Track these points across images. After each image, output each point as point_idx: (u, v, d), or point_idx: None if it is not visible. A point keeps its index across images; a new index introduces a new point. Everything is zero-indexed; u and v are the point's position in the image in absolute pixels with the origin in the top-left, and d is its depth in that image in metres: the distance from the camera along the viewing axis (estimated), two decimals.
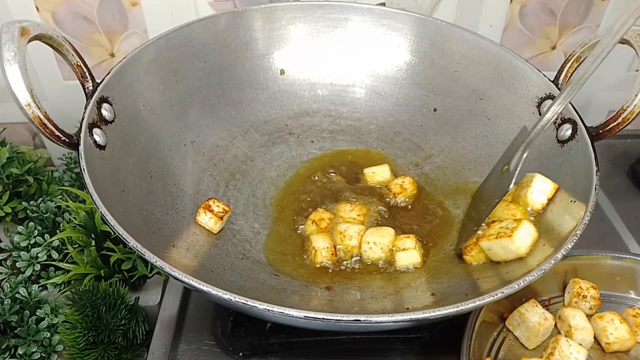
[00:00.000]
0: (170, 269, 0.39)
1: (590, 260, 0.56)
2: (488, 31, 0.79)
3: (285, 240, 0.58)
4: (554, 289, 0.57)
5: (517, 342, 0.53)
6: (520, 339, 0.53)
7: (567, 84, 0.49)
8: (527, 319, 0.52)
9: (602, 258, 0.57)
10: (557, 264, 0.54)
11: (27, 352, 0.59)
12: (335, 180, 0.64)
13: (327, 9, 0.68)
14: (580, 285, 0.56)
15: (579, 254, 0.56)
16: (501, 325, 0.54)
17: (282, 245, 0.57)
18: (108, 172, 0.49)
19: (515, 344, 0.53)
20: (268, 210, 0.60)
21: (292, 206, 0.61)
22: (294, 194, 0.63)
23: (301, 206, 0.61)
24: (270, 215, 0.60)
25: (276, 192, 0.63)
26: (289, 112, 0.69)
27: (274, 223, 0.59)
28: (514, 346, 0.53)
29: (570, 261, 0.56)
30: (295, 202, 0.62)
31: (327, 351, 0.56)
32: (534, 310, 0.53)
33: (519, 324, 0.53)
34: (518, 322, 0.53)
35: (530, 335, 0.52)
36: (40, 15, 0.75)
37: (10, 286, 0.62)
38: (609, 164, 0.80)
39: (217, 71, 0.65)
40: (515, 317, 0.53)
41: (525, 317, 0.52)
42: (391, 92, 0.69)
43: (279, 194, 0.63)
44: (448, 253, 0.56)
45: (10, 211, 0.71)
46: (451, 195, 0.62)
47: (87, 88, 0.51)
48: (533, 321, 0.52)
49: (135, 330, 0.60)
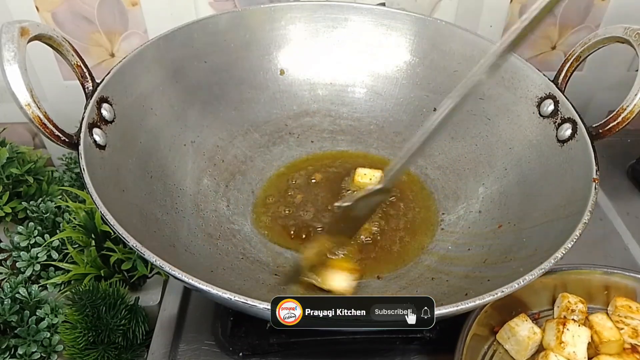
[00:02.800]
0: (170, 269, 0.39)
1: (579, 275, 0.57)
2: (488, 31, 0.79)
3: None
4: (543, 302, 0.58)
5: (508, 355, 0.54)
6: (510, 352, 0.54)
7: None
8: (517, 332, 0.53)
9: (591, 273, 0.57)
10: (547, 279, 0.55)
11: (27, 352, 0.59)
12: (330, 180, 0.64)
13: (327, 9, 0.68)
14: (569, 299, 0.56)
15: (568, 269, 0.56)
16: (492, 339, 0.55)
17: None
18: (108, 172, 0.49)
19: (505, 357, 0.54)
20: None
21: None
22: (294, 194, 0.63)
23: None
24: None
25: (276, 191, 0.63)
26: (289, 112, 0.69)
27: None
28: (504, 359, 0.54)
29: (560, 275, 0.57)
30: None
31: (327, 351, 0.56)
32: (523, 324, 0.54)
33: (509, 337, 0.54)
34: (508, 336, 0.54)
35: (520, 348, 0.53)
36: (40, 15, 0.75)
37: (10, 286, 0.62)
38: (609, 164, 0.80)
39: (217, 71, 0.65)
40: (506, 331, 0.54)
41: (515, 331, 0.53)
42: (391, 92, 0.69)
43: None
44: (448, 252, 0.56)
45: (10, 211, 0.71)
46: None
47: (87, 88, 0.51)
48: (523, 335, 0.53)
49: (135, 330, 0.60)
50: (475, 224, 0.58)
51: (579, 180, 0.51)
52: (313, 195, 0.62)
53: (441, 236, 0.59)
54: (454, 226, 0.60)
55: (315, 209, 0.61)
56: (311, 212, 0.61)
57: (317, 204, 0.61)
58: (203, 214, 0.58)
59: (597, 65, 0.83)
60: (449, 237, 0.59)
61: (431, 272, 0.55)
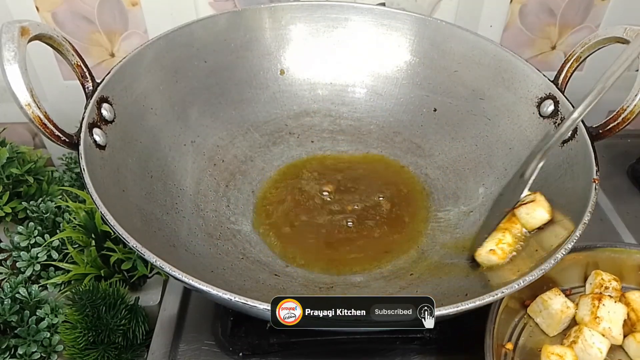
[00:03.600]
0: (170, 269, 0.39)
1: (612, 253, 0.57)
2: (488, 31, 0.79)
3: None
4: (574, 279, 0.58)
5: (538, 328, 0.54)
6: (541, 325, 0.54)
7: (589, 92, 0.50)
8: (549, 306, 0.53)
9: (625, 252, 0.57)
10: (578, 256, 0.55)
11: (27, 352, 0.59)
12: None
13: (327, 9, 0.67)
14: (602, 276, 0.56)
15: (602, 246, 0.56)
16: (522, 312, 0.55)
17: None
18: (108, 172, 0.49)
19: (535, 330, 0.54)
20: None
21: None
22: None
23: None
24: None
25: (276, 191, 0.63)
26: (289, 112, 0.69)
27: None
28: (534, 332, 0.54)
29: (593, 252, 0.56)
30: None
31: (327, 351, 0.56)
32: (556, 298, 0.53)
33: (541, 310, 0.53)
34: (540, 309, 0.54)
35: (552, 322, 0.53)
36: (40, 15, 0.75)
37: (10, 286, 0.62)
38: (609, 164, 0.80)
39: (217, 71, 0.65)
40: (538, 304, 0.54)
41: (548, 305, 0.53)
42: (391, 92, 0.69)
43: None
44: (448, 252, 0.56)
45: (10, 211, 0.71)
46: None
47: (87, 88, 0.51)
48: (555, 309, 0.52)
49: (135, 330, 0.60)
50: (475, 224, 0.58)
51: (579, 181, 0.51)
52: (313, 195, 0.62)
53: (441, 236, 0.59)
54: (453, 226, 0.60)
55: (316, 208, 0.61)
56: (312, 211, 0.61)
57: (317, 203, 0.61)
58: (203, 214, 0.58)
59: (597, 65, 0.83)
60: (449, 237, 0.59)
61: (431, 272, 0.55)
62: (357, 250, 0.57)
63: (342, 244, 0.58)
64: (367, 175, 0.65)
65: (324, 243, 0.58)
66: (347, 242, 0.58)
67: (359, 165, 0.66)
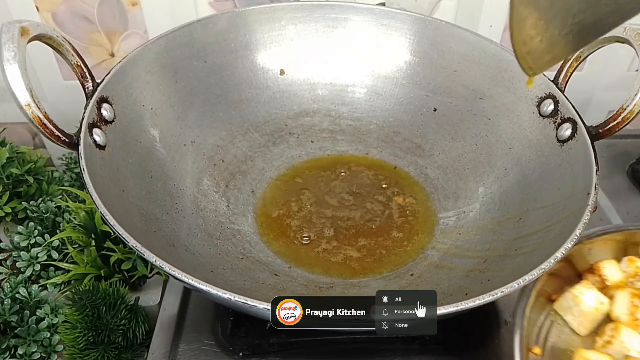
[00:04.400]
0: (170, 269, 0.39)
1: None
2: (488, 31, 0.79)
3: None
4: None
5: (567, 327, 0.47)
6: (570, 324, 0.47)
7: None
8: (581, 302, 0.46)
9: None
10: (613, 236, 0.49)
11: (27, 352, 0.59)
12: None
13: (327, 9, 0.68)
14: (637, 264, 0.49)
15: (635, 228, 0.49)
16: (548, 309, 0.48)
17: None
18: (108, 172, 0.49)
19: (565, 329, 0.47)
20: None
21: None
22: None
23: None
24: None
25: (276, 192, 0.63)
26: (289, 112, 0.69)
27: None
28: (564, 332, 0.47)
29: (630, 234, 0.49)
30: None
31: (327, 351, 0.56)
32: (589, 293, 0.46)
33: (571, 307, 0.47)
34: (570, 306, 0.47)
35: (584, 320, 0.46)
36: (40, 15, 0.75)
37: (10, 286, 0.62)
38: (609, 164, 0.80)
39: (217, 71, 0.65)
40: (567, 300, 0.47)
41: (580, 300, 0.46)
42: (391, 92, 0.69)
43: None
44: (447, 252, 0.56)
45: (10, 211, 0.71)
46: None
47: (87, 88, 0.51)
48: (589, 305, 0.45)
49: (135, 330, 0.60)
50: (475, 224, 0.58)
51: (579, 180, 0.51)
52: (314, 194, 0.62)
53: (441, 236, 0.59)
54: (453, 226, 0.60)
55: (316, 208, 0.61)
56: (312, 211, 0.61)
57: (317, 203, 0.61)
58: (203, 214, 0.58)
59: (597, 65, 0.83)
60: (449, 237, 0.59)
61: (431, 272, 0.55)
62: (357, 250, 0.57)
63: (342, 244, 0.58)
64: (367, 175, 0.66)
65: (324, 242, 0.58)
66: (347, 241, 0.58)
67: (359, 165, 0.67)
